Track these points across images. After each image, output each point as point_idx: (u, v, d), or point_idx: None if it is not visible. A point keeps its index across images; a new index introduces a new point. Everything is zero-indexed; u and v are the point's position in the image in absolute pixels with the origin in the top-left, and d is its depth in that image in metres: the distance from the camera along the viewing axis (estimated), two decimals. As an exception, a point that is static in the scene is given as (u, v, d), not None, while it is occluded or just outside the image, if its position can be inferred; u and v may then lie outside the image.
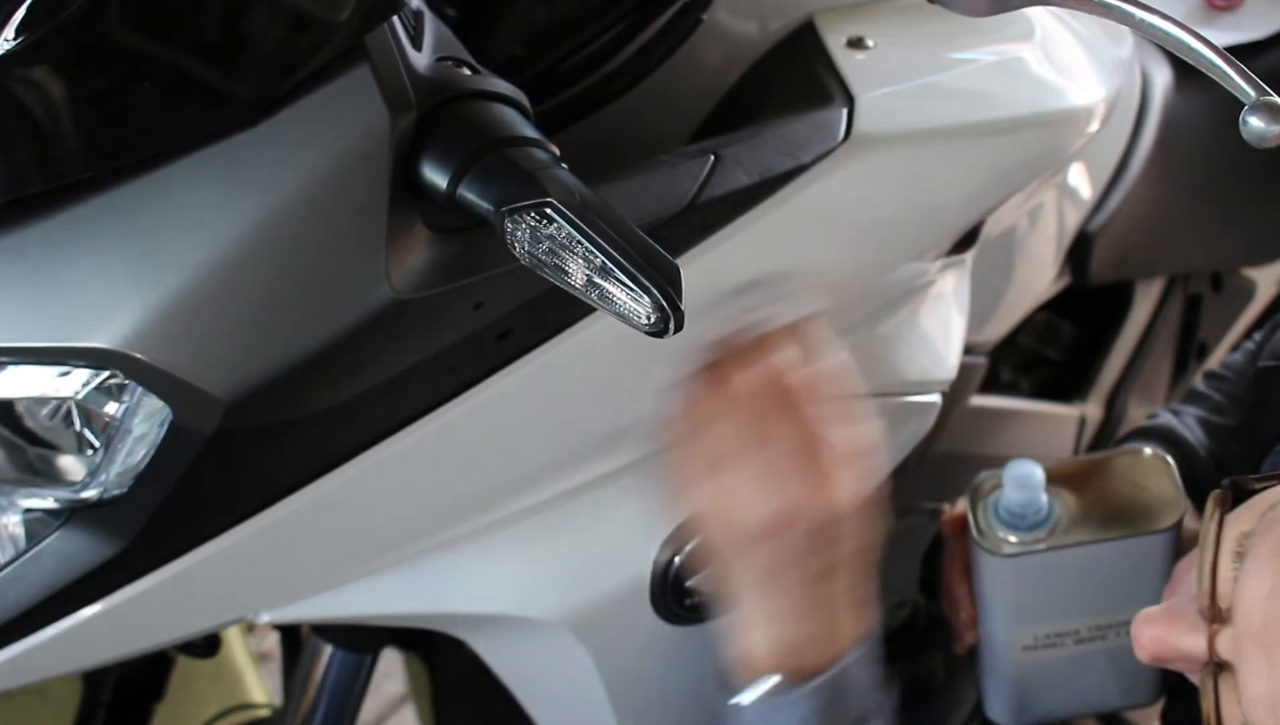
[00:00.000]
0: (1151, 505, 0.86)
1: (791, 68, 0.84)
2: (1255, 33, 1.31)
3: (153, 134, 0.59)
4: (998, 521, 0.87)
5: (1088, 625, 0.88)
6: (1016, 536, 0.86)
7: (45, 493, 0.67)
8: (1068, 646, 0.89)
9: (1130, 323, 1.29)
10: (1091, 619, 0.88)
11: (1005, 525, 0.86)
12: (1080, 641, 0.89)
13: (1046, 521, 0.86)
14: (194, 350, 0.61)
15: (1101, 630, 0.88)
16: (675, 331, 0.58)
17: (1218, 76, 0.60)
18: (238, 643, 1.31)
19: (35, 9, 0.55)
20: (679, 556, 0.82)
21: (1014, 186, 0.91)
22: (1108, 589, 0.87)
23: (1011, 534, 0.86)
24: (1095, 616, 0.88)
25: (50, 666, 0.71)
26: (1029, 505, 0.85)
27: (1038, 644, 0.89)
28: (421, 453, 0.72)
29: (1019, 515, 0.86)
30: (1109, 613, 0.88)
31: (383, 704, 1.84)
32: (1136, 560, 0.85)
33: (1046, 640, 0.89)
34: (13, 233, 0.60)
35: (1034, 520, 0.86)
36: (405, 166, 0.63)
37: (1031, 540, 0.85)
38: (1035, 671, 0.91)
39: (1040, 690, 0.92)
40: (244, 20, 0.58)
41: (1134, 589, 0.85)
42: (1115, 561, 0.85)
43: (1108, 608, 0.88)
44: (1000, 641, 0.91)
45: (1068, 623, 0.88)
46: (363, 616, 0.80)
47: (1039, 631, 0.89)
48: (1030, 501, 0.85)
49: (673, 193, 0.73)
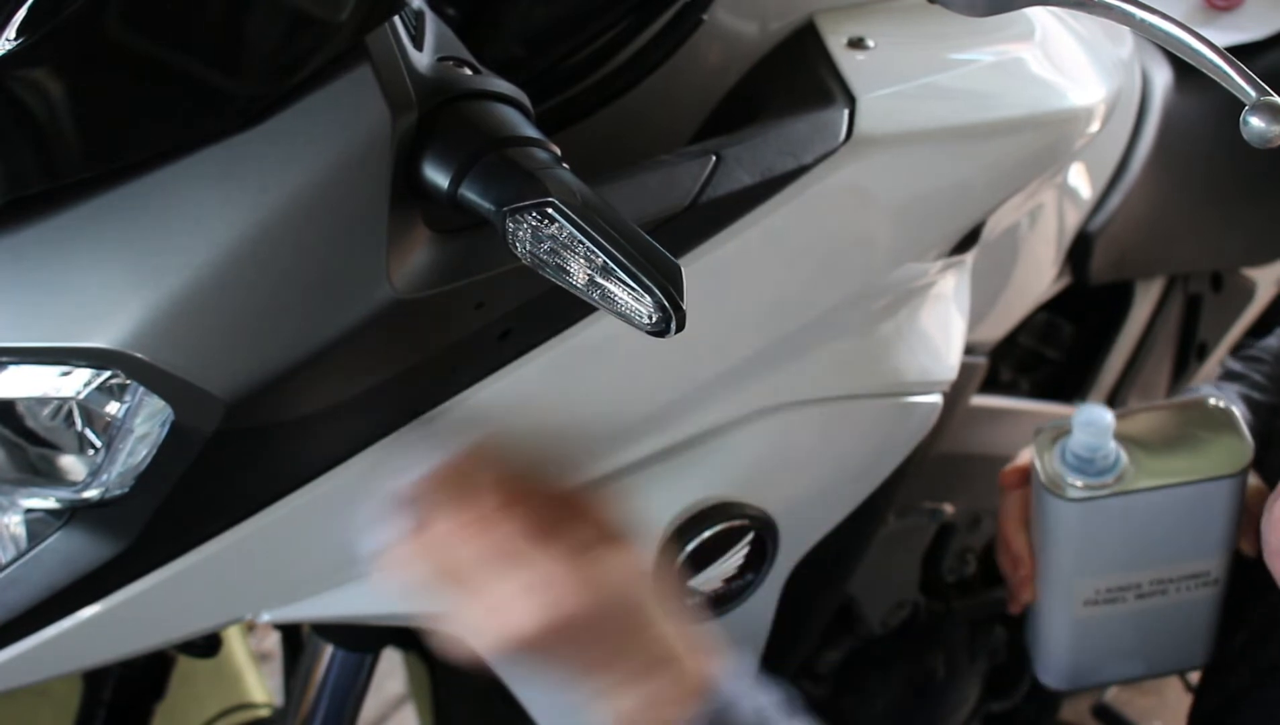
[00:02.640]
0: (1218, 452, 0.86)
1: (792, 68, 0.84)
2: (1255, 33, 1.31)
3: (153, 134, 0.59)
4: (1065, 467, 0.86)
5: (1150, 578, 0.88)
6: (1084, 481, 0.85)
7: (47, 493, 0.67)
8: (1128, 602, 0.89)
9: (1130, 323, 1.29)
10: (1154, 571, 0.88)
11: (1073, 470, 0.86)
12: (1141, 596, 0.89)
13: (1114, 467, 0.86)
14: (195, 350, 0.61)
15: (1163, 585, 0.88)
16: (677, 331, 0.58)
17: (1218, 76, 0.60)
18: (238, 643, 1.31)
19: (35, 9, 0.55)
20: (679, 556, 0.82)
21: (1014, 186, 0.91)
22: (1173, 538, 0.87)
23: (1079, 478, 0.85)
24: (1158, 569, 0.88)
25: (50, 666, 0.71)
26: (1097, 450, 0.85)
27: (1099, 598, 0.89)
28: (422, 452, 0.72)
29: (1087, 460, 0.85)
30: (1172, 564, 0.87)
31: (383, 704, 1.84)
32: (1203, 506, 0.85)
33: (1108, 594, 0.89)
34: (13, 233, 0.60)
35: (1102, 466, 0.85)
36: (406, 166, 0.63)
37: (1099, 485, 0.85)
38: (1093, 630, 0.91)
39: (1096, 651, 0.92)
40: (244, 20, 0.58)
41: (1199, 538, 0.85)
42: (1182, 507, 0.85)
43: (1171, 559, 0.87)
44: (1061, 595, 0.90)
45: (1130, 575, 0.88)
46: (363, 616, 0.80)
47: (1101, 584, 0.88)
48: (1099, 446, 0.85)
49: (674, 193, 0.73)
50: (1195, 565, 0.87)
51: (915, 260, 0.87)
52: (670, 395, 0.80)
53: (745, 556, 0.85)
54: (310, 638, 0.94)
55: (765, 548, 0.86)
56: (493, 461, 0.71)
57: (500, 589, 0.68)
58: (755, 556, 0.86)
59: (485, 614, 0.69)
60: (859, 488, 0.94)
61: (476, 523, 0.68)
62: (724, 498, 0.83)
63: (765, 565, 0.87)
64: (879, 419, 0.91)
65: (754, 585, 0.87)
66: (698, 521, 0.83)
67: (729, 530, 0.83)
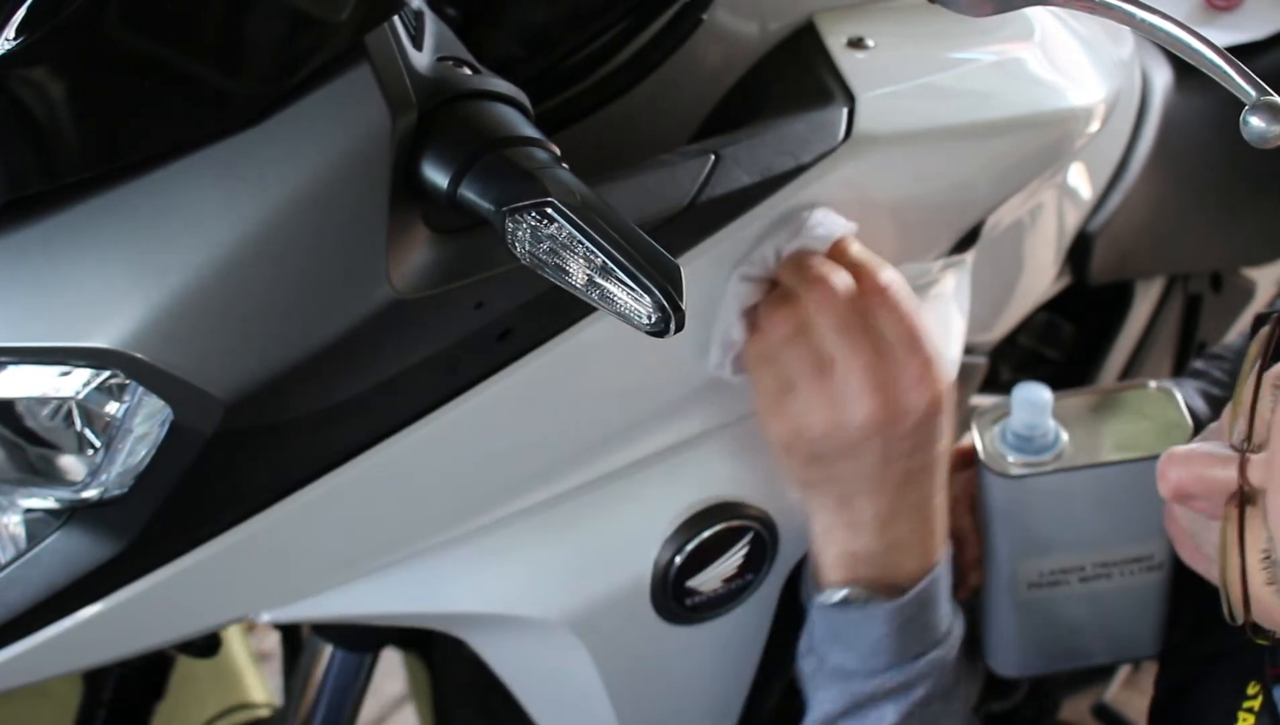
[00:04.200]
0: (1157, 432, 0.86)
1: (792, 68, 0.84)
2: (1255, 33, 1.31)
3: (153, 134, 0.59)
4: (1005, 445, 0.87)
5: (1093, 561, 0.88)
6: (1024, 458, 0.86)
7: (46, 493, 0.67)
8: (1073, 584, 0.89)
9: (1130, 323, 1.29)
10: (1097, 554, 0.88)
11: (1013, 448, 0.86)
12: (1085, 579, 0.89)
13: (1053, 445, 0.86)
14: (194, 350, 0.61)
15: (1106, 568, 0.88)
16: (676, 331, 0.58)
17: (1218, 76, 0.60)
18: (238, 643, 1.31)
19: (35, 9, 0.55)
20: (679, 556, 0.82)
21: (1014, 186, 0.91)
22: (1114, 519, 0.87)
23: (1019, 456, 0.86)
24: (1100, 551, 0.88)
25: (50, 666, 0.71)
26: (1036, 428, 0.85)
27: (1043, 581, 0.89)
28: (421, 453, 0.72)
29: (1026, 438, 0.86)
30: (1114, 547, 0.88)
31: (383, 704, 1.84)
32: (1143, 485, 0.85)
33: (1051, 577, 0.89)
34: (13, 233, 0.60)
35: (1041, 444, 0.86)
36: (406, 166, 0.63)
37: (1038, 463, 0.85)
38: (1040, 614, 0.91)
39: (1044, 636, 0.92)
40: (244, 20, 0.58)
41: (1140, 520, 0.86)
42: (1123, 487, 0.85)
43: (1113, 541, 0.88)
44: (1005, 576, 0.90)
45: (1073, 557, 0.88)
46: (363, 616, 0.80)
47: (1044, 566, 0.89)
48: (1037, 424, 0.85)
49: (673, 192, 0.73)
50: (1138, 548, 0.87)
51: (915, 260, 0.87)
52: (670, 395, 0.80)
53: (745, 556, 0.85)
54: (310, 638, 0.94)
55: (765, 548, 0.86)
56: None
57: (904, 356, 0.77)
58: (755, 556, 0.86)
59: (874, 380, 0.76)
60: (859, 488, 0.94)
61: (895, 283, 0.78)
62: (724, 498, 0.84)
63: (765, 565, 0.87)
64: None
65: (754, 585, 0.87)
66: (698, 521, 0.83)
67: (729, 530, 0.83)
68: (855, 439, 0.77)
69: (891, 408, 0.77)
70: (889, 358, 0.77)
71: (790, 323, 0.77)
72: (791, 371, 0.77)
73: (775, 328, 0.77)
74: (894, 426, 0.77)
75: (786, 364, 0.77)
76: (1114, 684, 1.53)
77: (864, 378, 0.76)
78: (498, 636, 0.86)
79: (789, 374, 0.77)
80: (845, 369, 0.76)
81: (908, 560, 0.81)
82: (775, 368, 0.78)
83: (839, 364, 0.76)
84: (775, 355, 0.77)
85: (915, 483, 0.80)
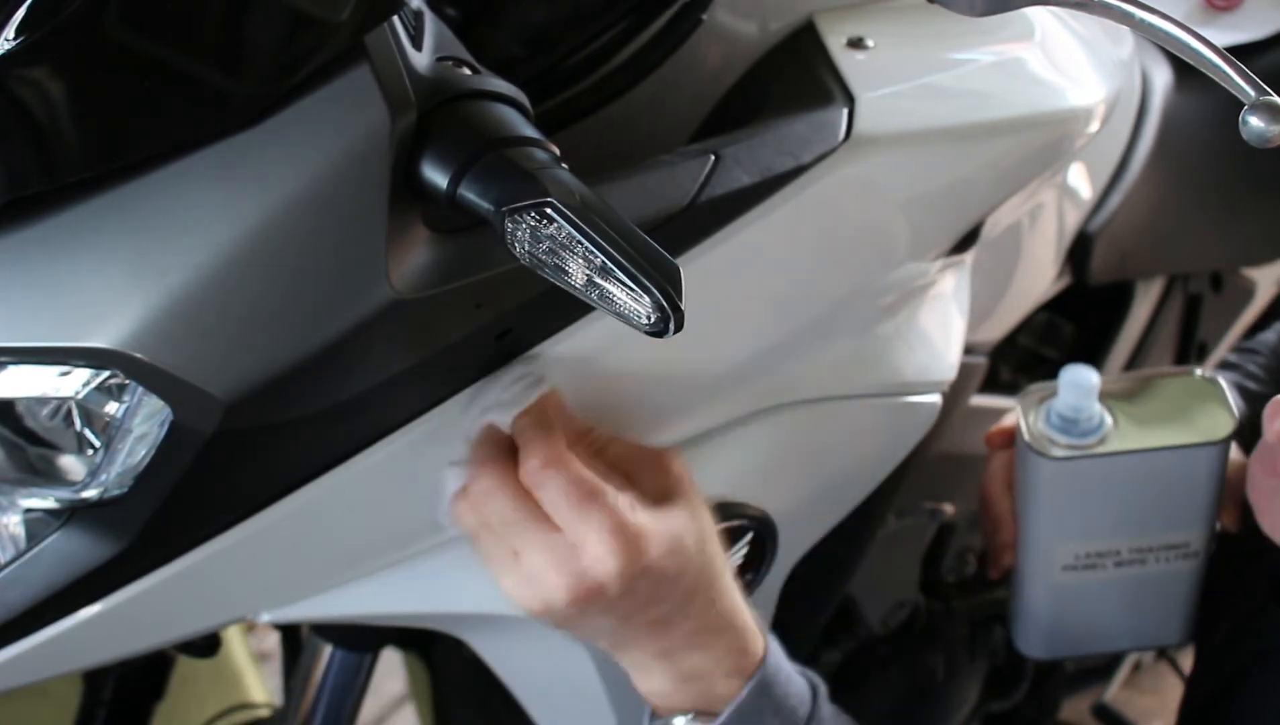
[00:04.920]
0: (1202, 420, 0.86)
1: (792, 68, 0.84)
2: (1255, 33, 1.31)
3: (153, 134, 0.59)
4: (1049, 426, 0.86)
5: (1129, 546, 0.88)
6: (1068, 440, 0.85)
7: (46, 493, 0.67)
8: (1107, 569, 0.89)
9: (1130, 323, 1.29)
10: (1134, 539, 0.88)
11: (1057, 430, 0.86)
12: (1120, 564, 0.89)
13: (1098, 429, 0.86)
14: (194, 350, 0.61)
15: (1142, 554, 0.88)
16: (675, 332, 0.58)
17: (1218, 76, 0.60)
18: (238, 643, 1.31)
19: (35, 9, 0.55)
20: (679, 556, 0.82)
21: (1014, 186, 0.91)
22: (1154, 505, 0.87)
23: (1063, 438, 0.85)
24: (1138, 536, 0.88)
25: (50, 666, 0.71)
26: (1082, 410, 0.85)
27: (1078, 563, 0.89)
28: (422, 453, 0.72)
29: (1071, 421, 0.85)
30: (1152, 533, 0.87)
31: (383, 704, 1.84)
32: (1186, 473, 0.85)
33: (1087, 560, 0.89)
34: (13, 233, 0.60)
35: (1086, 427, 0.85)
36: (405, 166, 0.63)
37: (1083, 446, 0.85)
38: (1072, 597, 0.91)
39: (1074, 619, 0.92)
40: (244, 20, 0.58)
41: (1180, 507, 0.86)
42: (1165, 473, 0.85)
43: (1151, 527, 0.87)
44: (1041, 558, 0.90)
45: (1110, 541, 0.88)
46: (363, 616, 0.80)
47: (1080, 549, 0.88)
48: (1083, 407, 0.85)
49: (673, 193, 0.73)
50: (1175, 535, 0.87)
51: (915, 260, 0.87)
52: (669, 396, 0.80)
53: (745, 556, 0.85)
54: (310, 638, 0.94)
55: (765, 548, 0.86)
56: (560, 411, 0.73)
57: (577, 533, 0.69)
58: (755, 556, 0.86)
59: (556, 561, 0.69)
60: (858, 488, 0.94)
61: (552, 462, 0.70)
62: (724, 498, 0.83)
63: (765, 565, 0.87)
64: (879, 419, 0.91)
65: (753, 585, 0.87)
66: (697, 521, 0.83)
67: (729, 530, 0.83)
68: (572, 614, 0.71)
69: (584, 583, 0.70)
70: (565, 538, 0.70)
71: (469, 518, 0.72)
72: (490, 560, 0.72)
73: (460, 521, 0.73)
74: (598, 598, 0.70)
75: (485, 553, 0.73)
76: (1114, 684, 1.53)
77: (545, 562, 0.70)
78: (498, 636, 0.86)
79: (489, 561, 0.73)
80: (528, 557, 0.71)
81: (714, 685, 0.76)
82: (482, 551, 0.73)
83: (522, 553, 0.71)
84: (476, 541, 0.73)
85: (671, 624, 0.74)
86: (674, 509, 0.72)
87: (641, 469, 0.74)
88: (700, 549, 0.73)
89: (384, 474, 0.72)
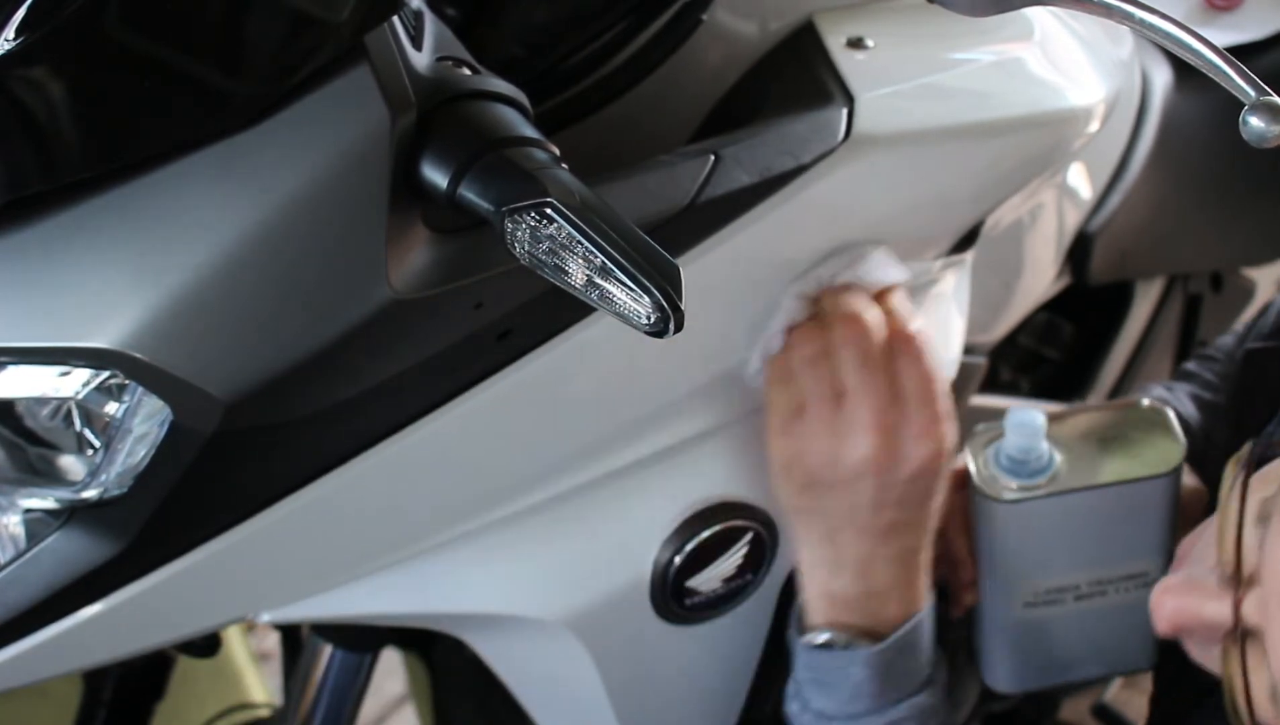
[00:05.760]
0: (1151, 452, 0.86)
1: (791, 68, 0.84)
2: (1255, 33, 1.31)
3: (153, 134, 0.59)
4: (999, 469, 0.86)
5: (1088, 580, 0.88)
6: (1018, 482, 0.85)
7: (45, 493, 0.67)
8: (1068, 603, 0.89)
9: (1130, 323, 1.29)
10: (1092, 572, 0.88)
11: (1006, 472, 0.86)
12: (1080, 598, 0.89)
13: (1047, 468, 0.86)
14: (194, 350, 0.61)
15: (1102, 585, 0.88)
16: (675, 332, 0.58)
17: (1218, 76, 0.60)
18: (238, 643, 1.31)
19: (35, 9, 0.55)
20: (679, 556, 0.82)
21: (1014, 186, 0.91)
22: (1109, 538, 0.87)
23: (1013, 480, 0.86)
24: (1096, 570, 0.88)
25: (50, 666, 0.71)
26: (1030, 451, 0.85)
27: (1038, 600, 0.89)
28: (421, 453, 0.72)
29: (1020, 462, 0.86)
30: (1110, 565, 0.88)
31: (383, 704, 1.84)
32: (1137, 506, 0.85)
33: (1047, 596, 0.89)
34: (13, 233, 0.60)
35: (1035, 467, 0.86)
36: (405, 166, 0.63)
37: (1032, 486, 0.85)
38: (1035, 632, 0.91)
39: (1040, 653, 0.92)
40: (244, 20, 0.58)
41: (1135, 539, 0.86)
42: (1116, 507, 0.85)
43: (1108, 560, 0.88)
44: (1001, 598, 0.90)
45: (1068, 576, 0.88)
46: (363, 616, 0.80)
47: (1040, 586, 0.89)
48: (1031, 447, 0.85)
49: (673, 193, 0.73)
50: (1133, 566, 0.87)
51: (915, 259, 0.87)
52: (670, 395, 0.80)
53: (745, 556, 0.85)
54: (310, 638, 0.94)
55: (765, 548, 0.86)
56: None
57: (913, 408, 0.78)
58: (755, 556, 0.86)
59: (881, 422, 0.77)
60: (859, 488, 0.94)
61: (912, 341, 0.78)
62: (724, 498, 0.84)
63: (765, 565, 0.87)
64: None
65: (754, 585, 0.87)
66: (697, 521, 0.83)
67: (729, 530, 0.83)
68: (850, 475, 0.77)
69: (891, 452, 0.77)
70: (900, 403, 0.78)
71: (815, 346, 0.77)
72: (805, 394, 0.78)
73: (800, 348, 0.78)
74: (889, 471, 0.78)
75: (802, 386, 0.78)
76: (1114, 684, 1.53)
77: (871, 416, 0.77)
78: (498, 636, 0.86)
79: (802, 396, 0.78)
80: (855, 403, 0.77)
81: (888, 606, 0.81)
82: (791, 387, 0.78)
83: (850, 397, 0.77)
84: (794, 375, 0.78)
85: (900, 534, 0.80)
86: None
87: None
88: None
89: (384, 475, 0.72)
